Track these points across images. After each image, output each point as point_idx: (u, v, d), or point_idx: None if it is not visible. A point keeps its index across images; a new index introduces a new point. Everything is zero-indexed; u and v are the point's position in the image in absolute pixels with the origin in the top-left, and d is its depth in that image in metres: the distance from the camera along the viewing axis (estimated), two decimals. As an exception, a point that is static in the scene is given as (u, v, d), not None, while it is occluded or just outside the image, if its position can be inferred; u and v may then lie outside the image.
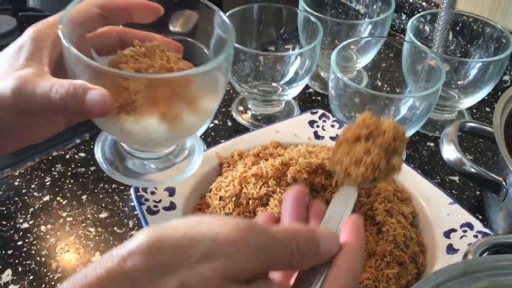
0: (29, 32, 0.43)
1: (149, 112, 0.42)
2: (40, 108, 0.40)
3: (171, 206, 0.56)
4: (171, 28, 0.53)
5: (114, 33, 0.47)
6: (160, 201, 0.56)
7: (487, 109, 0.84)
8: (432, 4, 0.97)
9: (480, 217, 0.66)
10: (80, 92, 0.39)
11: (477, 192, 0.70)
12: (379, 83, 0.84)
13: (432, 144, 0.77)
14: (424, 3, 0.97)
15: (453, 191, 0.70)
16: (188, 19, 0.51)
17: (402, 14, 1.00)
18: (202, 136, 0.74)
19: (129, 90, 0.40)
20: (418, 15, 0.81)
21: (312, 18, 0.77)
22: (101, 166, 0.50)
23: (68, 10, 0.43)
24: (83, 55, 0.40)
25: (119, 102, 0.41)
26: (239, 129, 0.78)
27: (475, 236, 0.53)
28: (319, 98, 0.85)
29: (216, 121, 0.78)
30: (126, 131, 0.43)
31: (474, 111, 0.84)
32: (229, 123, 0.79)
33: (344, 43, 0.73)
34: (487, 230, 0.54)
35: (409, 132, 0.71)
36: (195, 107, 0.44)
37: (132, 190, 0.56)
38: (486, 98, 0.79)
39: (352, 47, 0.80)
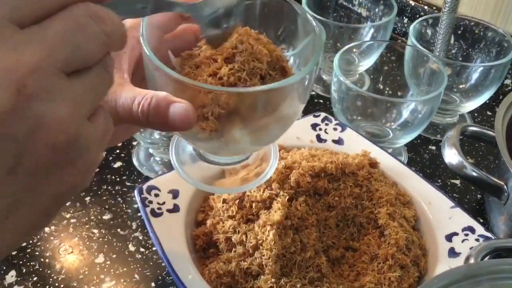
0: None
1: (232, 124, 0.38)
2: (121, 120, 0.38)
3: (175, 209, 0.56)
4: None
5: (190, 32, 0.43)
6: (163, 203, 0.56)
7: (489, 113, 0.85)
8: (434, 8, 0.97)
9: (482, 220, 0.66)
10: (163, 105, 0.36)
11: (479, 196, 0.70)
12: (381, 86, 0.84)
13: (433, 147, 0.77)
14: (426, 7, 0.97)
15: (455, 194, 0.70)
16: None
17: (404, 17, 1.01)
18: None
19: (213, 103, 0.37)
20: (420, 19, 0.81)
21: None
22: (176, 170, 0.46)
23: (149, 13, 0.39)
24: (161, 58, 0.37)
25: (201, 114, 0.37)
26: (242, 132, 0.78)
27: (477, 240, 0.54)
28: (322, 101, 0.86)
29: (218, 124, 0.79)
30: (203, 143, 0.41)
31: (476, 114, 0.84)
32: (232, 126, 0.79)
33: (347, 46, 0.73)
34: (488, 234, 0.54)
35: (411, 136, 0.71)
36: (280, 115, 0.39)
37: (136, 193, 0.56)
38: (487, 102, 0.79)
39: (354, 50, 0.80)
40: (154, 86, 0.39)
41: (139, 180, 0.69)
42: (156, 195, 0.57)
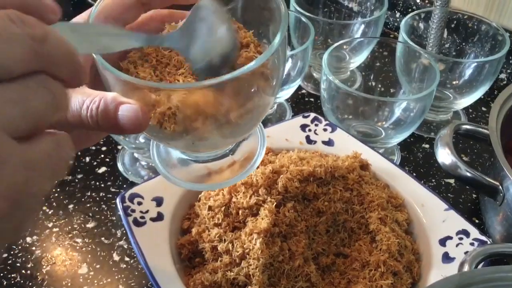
0: None
1: (192, 121, 0.36)
2: (71, 125, 0.35)
3: (159, 217, 0.54)
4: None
5: (158, 19, 0.40)
6: (147, 211, 0.54)
7: (483, 109, 0.83)
8: (427, 1, 0.95)
9: (477, 221, 0.65)
10: (112, 108, 0.34)
11: (474, 196, 0.68)
12: (373, 84, 0.82)
13: (427, 145, 0.75)
14: (418, 1, 0.95)
15: (449, 194, 0.68)
16: None
17: (396, 11, 0.98)
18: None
19: (159, 93, 0.35)
20: (411, 13, 0.79)
21: (303, 19, 0.76)
22: (160, 173, 0.45)
23: (98, 5, 0.37)
24: (125, 54, 0.35)
25: (157, 116, 0.36)
26: (231, 133, 0.76)
27: (472, 244, 0.52)
28: (312, 99, 0.84)
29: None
30: (173, 142, 0.39)
31: (470, 110, 0.82)
32: (220, 127, 0.77)
33: (336, 44, 0.71)
34: (483, 238, 0.52)
35: (404, 135, 0.69)
36: (246, 108, 0.37)
37: (118, 201, 0.54)
38: (482, 97, 0.77)
39: (344, 47, 0.78)
40: (106, 87, 0.36)
41: (124, 185, 0.67)
42: (139, 203, 0.55)
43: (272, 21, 0.40)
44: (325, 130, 0.66)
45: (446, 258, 0.52)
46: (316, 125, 0.66)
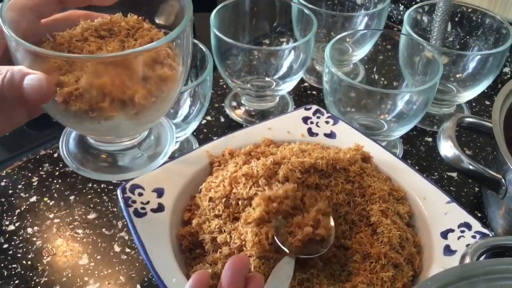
0: None
1: (99, 99, 0.39)
2: None
3: (160, 208, 0.54)
4: (157, 21, 0.51)
5: (75, 18, 0.43)
6: (147, 202, 0.54)
7: (487, 102, 0.82)
8: (430, -6, 0.94)
9: (479, 214, 0.64)
10: (18, 78, 0.37)
11: (476, 189, 0.68)
12: (376, 76, 0.82)
13: (430, 139, 0.75)
14: (422, -7, 0.95)
15: (451, 188, 0.68)
16: (171, 10, 0.48)
17: (400, 4, 0.98)
18: (194, 133, 0.72)
19: (69, 75, 0.38)
20: (415, 6, 0.79)
21: (306, 11, 0.75)
22: (66, 163, 0.48)
23: None
24: (37, 43, 0.38)
25: (63, 94, 0.38)
26: (232, 125, 0.76)
27: (473, 237, 0.52)
28: (315, 92, 0.83)
29: (208, 117, 0.77)
30: (78, 122, 0.41)
31: (473, 104, 0.82)
32: (222, 119, 0.77)
33: (338, 36, 0.70)
34: (485, 231, 0.52)
35: (407, 128, 0.69)
36: (151, 89, 0.41)
37: (118, 192, 0.54)
38: (485, 90, 0.77)
39: (347, 39, 0.77)
40: (16, 64, 0.39)
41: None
42: (140, 194, 0.55)
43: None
44: (327, 122, 0.65)
45: (448, 250, 0.51)
46: (318, 117, 0.66)
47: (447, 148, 0.60)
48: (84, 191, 0.65)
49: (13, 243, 0.59)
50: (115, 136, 0.46)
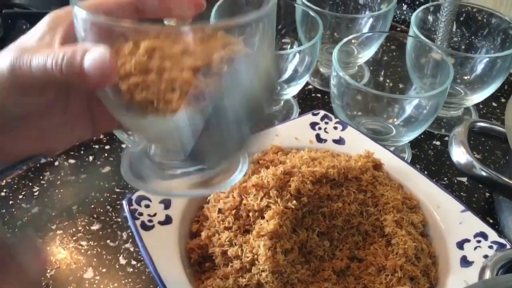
0: (46, 17, 0.38)
1: (169, 89, 0.34)
2: (36, 80, 0.35)
3: (167, 220, 0.52)
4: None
5: (127, 2, 0.39)
6: (155, 214, 0.52)
7: (494, 104, 0.81)
8: (435, -6, 0.93)
9: (491, 221, 0.63)
10: (79, 54, 0.33)
11: (487, 194, 0.67)
12: (382, 79, 0.80)
13: (438, 142, 0.74)
14: (426, -7, 0.93)
15: (462, 193, 0.67)
16: None
17: (403, 4, 0.96)
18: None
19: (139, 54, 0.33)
20: (421, 7, 0.77)
21: (312, 13, 0.74)
22: (128, 181, 0.41)
23: None
24: None
25: (128, 83, 0.34)
26: (237, 130, 0.74)
27: (490, 247, 0.50)
28: (319, 95, 0.82)
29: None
30: (140, 118, 0.36)
31: (481, 106, 0.81)
32: (226, 124, 0.75)
33: (346, 39, 0.69)
34: (502, 241, 0.51)
35: (416, 133, 0.68)
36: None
37: (124, 204, 0.52)
38: (493, 93, 0.75)
39: (353, 41, 0.76)
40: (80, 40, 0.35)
41: (129, 185, 0.65)
42: (147, 206, 0.53)
43: None
44: (335, 128, 0.64)
45: (465, 262, 0.50)
46: (326, 123, 0.64)
47: (459, 154, 0.58)
48: (86, 200, 0.63)
49: (15, 256, 0.57)
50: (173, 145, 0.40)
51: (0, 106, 0.36)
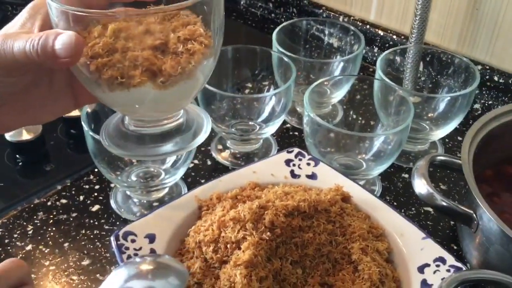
0: (28, 5, 0.45)
1: (130, 68, 0.41)
2: (18, 61, 0.41)
3: (152, 253, 0.57)
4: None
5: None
6: (140, 248, 0.57)
7: (459, 138, 0.87)
8: (402, 37, 1.00)
9: (455, 247, 0.68)
10: (51, 37, 0.40)
11: (452, 223, 0.72)
12: (354, 116, 0.86)
13: (406, 175, 0.79)
14: (394, 36, 1.00)
15: (428, 222, 0.72)
16: None
17: (374, 47, 1.03)
18: (183, 177, 0.75)
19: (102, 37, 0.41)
20: (387, 51, 0.84)
21: (285, 59, 0.80)
22: (107, 147, 0.49)
23: None
24: None
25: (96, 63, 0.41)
26: (219, 168, 0.80)
27: (448, 271, 0.55)
28: (297, 133, 0.87)
29: (196, 161, 0.80)
30: (109, 91, 0.43)
31: (447, 140, 0.86)
32: (209, 162, 0.80)
33: (316, 82, 0.75)
34: (459, 264, 0.55)
35: (384, 166, 0.73)
36: (179, 61, 0.42)
37: (112, 239, 0.57)
38: (457, 127, 0.81)
39: (326, 83, 0.82)
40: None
41: (117, 222, 0.70)
42: (133, 241, 0.57)
43: None
44: (308, 164, 0.69)
45: (425, 284, 0.55)
46: (300, 159, 0.70)
47: (420, 186, 0.64)
48: (77, 237, 0.68)
49: (10, 291, 0.61)
50: (146, 110, 0.47)
51: None
